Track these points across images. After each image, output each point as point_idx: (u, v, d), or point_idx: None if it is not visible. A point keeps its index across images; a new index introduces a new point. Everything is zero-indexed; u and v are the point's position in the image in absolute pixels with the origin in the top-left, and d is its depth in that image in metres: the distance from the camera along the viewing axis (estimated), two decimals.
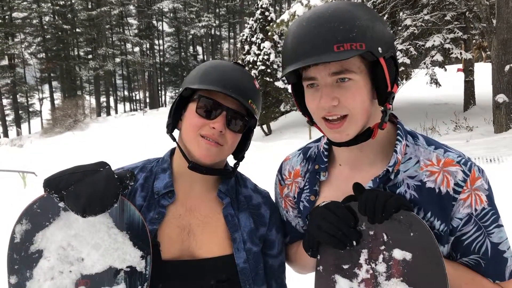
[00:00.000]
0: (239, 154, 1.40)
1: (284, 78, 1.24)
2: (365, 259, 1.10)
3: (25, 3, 51.21)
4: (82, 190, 1.06)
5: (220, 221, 1.33)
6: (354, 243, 1.10)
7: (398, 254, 1.05)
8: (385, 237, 1.07)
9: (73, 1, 54.76)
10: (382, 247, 1.07)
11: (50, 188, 1.08)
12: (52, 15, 54.17)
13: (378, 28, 1.09)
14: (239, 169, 1.44)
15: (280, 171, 1.45)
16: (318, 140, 1.38)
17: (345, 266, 1.13)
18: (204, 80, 1.25)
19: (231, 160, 1.42)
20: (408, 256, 1.04)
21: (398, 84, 1.18)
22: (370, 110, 1.14)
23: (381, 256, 1.08)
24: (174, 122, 1.35)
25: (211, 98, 1.25)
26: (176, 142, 1.36)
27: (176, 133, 1.39)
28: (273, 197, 1.50)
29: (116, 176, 1.11)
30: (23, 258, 1.10)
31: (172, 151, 1.41)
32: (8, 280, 1.09)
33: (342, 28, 1.05)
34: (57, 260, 1.10)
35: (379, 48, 1.08)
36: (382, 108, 1.15)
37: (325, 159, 1.29)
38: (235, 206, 1.36)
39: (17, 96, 51.95)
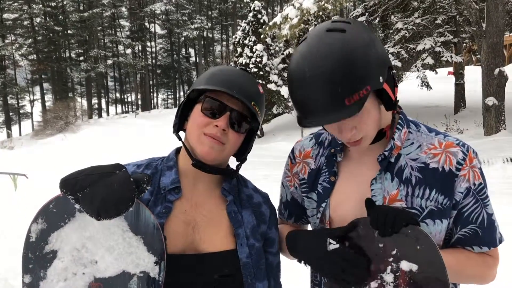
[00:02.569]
0: (241, 156, 1.44)
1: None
2: (374, 269, 1.17)
3: (16, 4, 50.83)
4: (97, 193, 1.05)
5: (224, 217, 1.36)
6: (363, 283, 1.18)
7: (405, 265, 1.13)
8: (393, 249, 1.15)
9: (64, 3, 54.50)
10: (391, 259, 1.15)
11: (65, 189, 1.07)
12: (43, 17, 53.77)
13: (373, 57, 1.13)
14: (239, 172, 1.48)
15: (292, 151, 1.55)
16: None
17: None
18: (210, 82, 1.30)
19: (232, 163, 1.47)
20: (414, 267, 1.12)
21: (397, 85, 1.27)
22: (380, 119, 1.24)
23: (389, 267, 1.15)
24: (180, 122, 1.39)
25: (216, 99, 1.30)
26: (182, 141, 1.40)
27: (182, 134, 1.44)
28: (271, 197, 1.55)
29: (132, 180, 1.10)
30: (38, 258, 1.10)
31: (178, 150, 1.45)
32: (22, 279, 1.09)
33: (346, 80, 1.09)
34: (71, 261, 1.10)
35: (380, 78, 1.13)
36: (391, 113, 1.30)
37: (340, 142, 1.39)
38: (238, 203, 1.41)
39: (8, 97, 51.48)
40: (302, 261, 1.31)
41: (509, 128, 13.33)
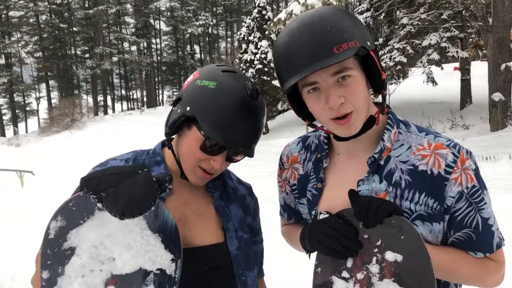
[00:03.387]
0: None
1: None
2: (360, 261, 1.17)
3: (21, 1, 51.04)
4: (121, 193, 1.05)
5: (212, 212, 1.39)
6: (355, 252, 1.17)
7: (390, 256, 1.12)
8: (378, 240, 1.14)
9: (70, 0, 54.63)
10: (376, 250, 1.14)
11: (88, 189, 1.07)
12: (49, 14, 53.98)
13: (361, 26, 1.19)
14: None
15: (280, 157, 1.54)
16: (316, 130, 1.44)
17: (342, 268, 1.20)
18: (217, 127, 1.23)
19: None
20: (399, 258, 1.11)
21: (384, 71, 1.26)
22: (369, 100, 1.23)
23: (374, 258, 1.15)
24: (173, 131, 1.35)
25: (217, 143, 1.26)
26: (172, 150, 1.38)
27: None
28: (273, 195, 1.57)
29: (155, 179, 1.10)
30: (56, 254, 1.11)
31: (163, 144, 1.44)
32: (40, 275, 1.10)
33: (336, 31, 1.12)
34: (89, 258, 1.10)
35: (368, 43, 1.17)
36: (380, 95, 1.24)
37: (325, 147, 1.37)
38: (225, 198, 1.43)
39: (14, 95, 51.84)
40: (307, 247, 1.30)
41: None
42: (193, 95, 1.27)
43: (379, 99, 1.26)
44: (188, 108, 1.26)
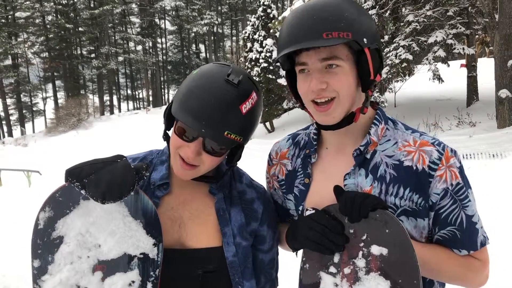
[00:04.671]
0: (231, 162, 1.35)
1: (279, 64, 1.32)
2: (346, 255, 1.18)
3: (27, 2, 51.37)
4: (102, 178, 1.13)
5: (211, 214, 1.36)
6: (342, 247, 1.18)
7: (375, 250, 1.14)
8: (363, 234, 1.16)
9: (75, 0, 54.90)
10: (361, 244, 1.16)
11: (71, 177, 1.15)
12: (54, 14, 54.30)
13: (364, 21, 1.21)
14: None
15: (269, 153, 1.56)
16: (307, 128, 1.48)
17: (329, 263, 1.21)
18: (182, 107, 1.21)
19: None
20: (384, 251, 1.13)
21: (381, 74, 1.28)
22: (354, 95, 1.24)
23: (360, 252, 1.16)
24: (168, 127, 1.35)
25: (188, 125, 1.20)
26: (168, 145, 1.36)
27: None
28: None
29: (132, 167, 1.18)
30: (46, 244, 1.17)
31: None
32: (31, 263, 1.17)
33: (331, 19, 1.16)
34: (76, 246, 1.17)
35: (365, 39, 1.18)
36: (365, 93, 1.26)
37: (314, 142, 1.39)
38: (227, 201, 1.39)
39: (21, 95, 52.22)
40: (292, 246, 1.30)
41: None
42: (179, 86, 1.31)
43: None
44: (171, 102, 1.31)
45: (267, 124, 24.37)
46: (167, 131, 1.36)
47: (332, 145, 1.36)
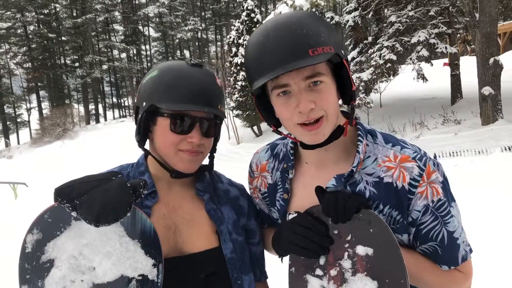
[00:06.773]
0: (216, 142, 1.43)
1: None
2: (332, 257, 1.17)
3: (8, 13, 50.65)
4: (95, 199, 1.04)
5: (203, 216, 1.36)
6: (327, 249, 1.17)
7: (361, 250, 1.13)
8: (348, 235, 1.15)
9: (57, 9, 54.35)
10: (347, 245, 1.15)
11: (61, 198, 1.06)
12: (36, 24, 53.65)
13: (336, 34, 1.18)
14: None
15: (250, 164, 1.53)
16: (285, 137, 1.40)
17: (315, 266, 1.20)
18: (172, 98, 1.24)
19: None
20: (370, 251, 1.12)
21: (355, 84, 1.27)
22: (338, 109, 1.22)
23: (346, 254, 1.15)
24: (143, 136, 1.34)
25: (183, 114, 1.26)
26: (151, 154, 1.36)
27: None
28: (247, 189, 1.57)
29: (129, 185, 1.10)
30: (35, 268, 1.09)
31: (146, 155, 1.42)
32: None
33: (312, 34, 1.10)
34: (69, 269, 1.09)
35: (342, 51, 1.16)
36: (349, 106, 1.23)
37: (291, 157, 1.35)
38: (215, 200, 1.41)
39: (4, 107, 51.41)
40: (278, 252, 1.29)
41: (506, 117, 13.34)
42: (143, 92, 1.31)
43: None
44: (144, 104, 1.29)
45: (255, 128, 24.36)
46: (141, 146, 1.36)
47: (312, 161, 1.32)
